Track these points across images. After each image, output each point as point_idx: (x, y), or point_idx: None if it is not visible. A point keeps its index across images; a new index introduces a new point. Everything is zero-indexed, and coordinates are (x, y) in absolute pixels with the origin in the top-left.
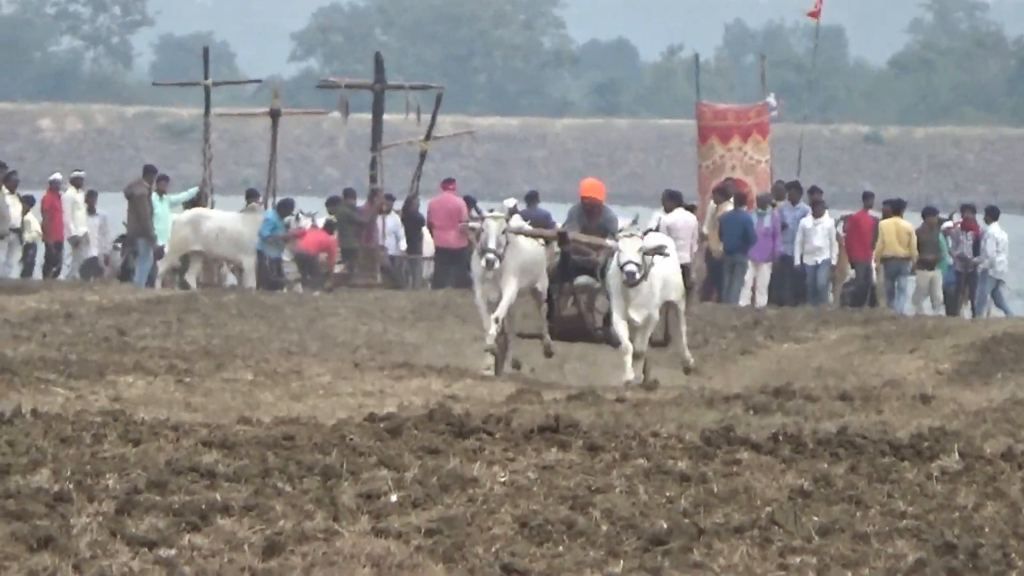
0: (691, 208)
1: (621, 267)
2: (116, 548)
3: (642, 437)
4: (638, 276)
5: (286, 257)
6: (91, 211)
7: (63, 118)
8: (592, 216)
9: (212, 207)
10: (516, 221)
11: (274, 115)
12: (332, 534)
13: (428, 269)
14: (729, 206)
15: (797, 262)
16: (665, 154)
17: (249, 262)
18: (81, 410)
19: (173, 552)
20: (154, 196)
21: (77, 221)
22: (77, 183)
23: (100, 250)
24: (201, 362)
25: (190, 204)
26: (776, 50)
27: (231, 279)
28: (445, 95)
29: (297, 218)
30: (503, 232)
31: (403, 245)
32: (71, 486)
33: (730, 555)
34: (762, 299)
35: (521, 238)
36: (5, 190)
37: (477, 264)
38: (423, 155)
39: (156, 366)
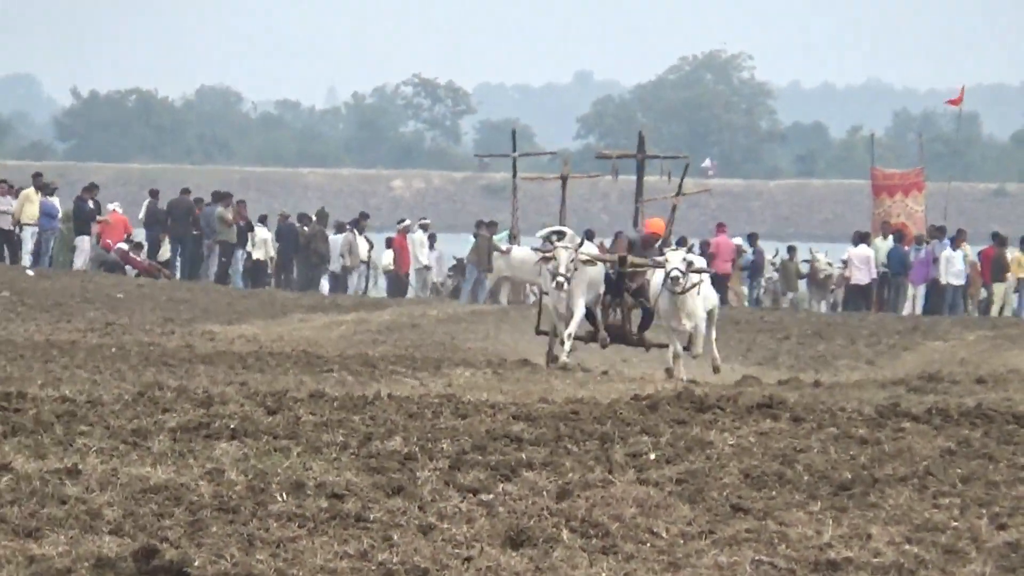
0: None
1: (667, 274)
2: (450, 494)
3: (832, 411)
4: (682, 282)
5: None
6: (431, 248)
7: (410, 180)
8: (647, 247)
9: (519, 244)
10: (586, 248)
11: (564, 178)
12: (607, 483)
13: None
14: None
15: (944, 281)
16: (848, 205)
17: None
18: (424, 393)
19: (491, 496)
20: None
21: (423, 255)
22: (424, 227)
23: (438, 277)
24: (511, 358)
25: None
26: (929, 130)
27: (532, 298)
28: (689, 162)
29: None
30: (571, 260)
31: None
32: (416, 448)
33: (896, 497)
34: (919, 310)
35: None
36: (355, 231)
37: (548, 284)
38: (674, 207)
39: (478, 362)
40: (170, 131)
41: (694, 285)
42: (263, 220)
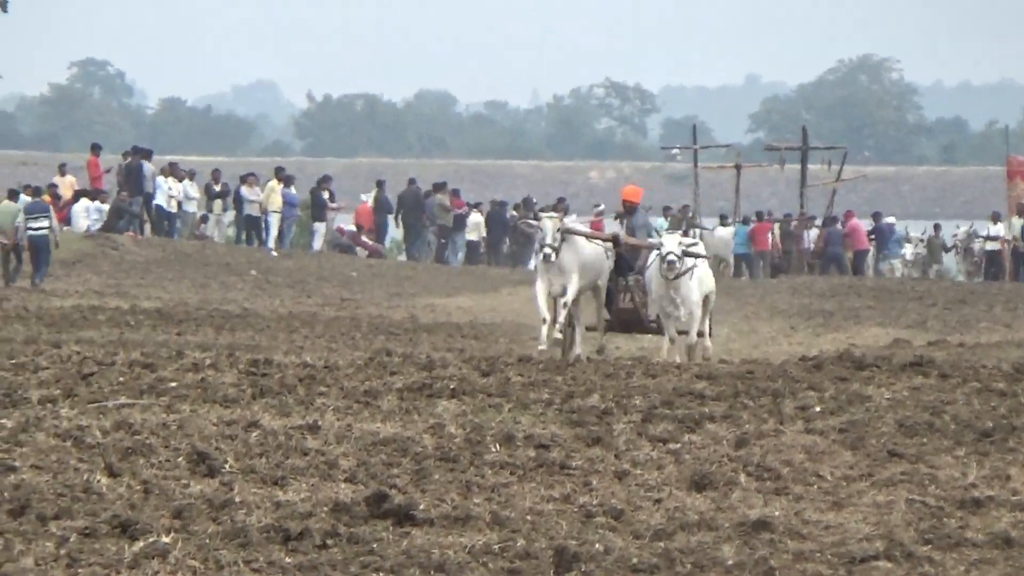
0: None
1: (663, 258)
2: (642, 443)
3: (975, 368)
4: (677, 266)
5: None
6: None
7: (604, 170)
8: (629, 214)
9: (700, 225)
10: (571, 223)
11: (738, 168)
12: (779, 433)
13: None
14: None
15: None
16: (986, 189)
17: (730, 258)
18: (618, 356)
19: (678, 446)
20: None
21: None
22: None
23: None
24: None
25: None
26: None
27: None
28: (847, 152)
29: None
30: (558, 230)
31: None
32: (612, 404)
33: None
34: None
35: (581, 240)
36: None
37: (537, 258)
38: (833, 192)
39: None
40: (393, 129)
41: (688, 270)
42: (477, 206)
